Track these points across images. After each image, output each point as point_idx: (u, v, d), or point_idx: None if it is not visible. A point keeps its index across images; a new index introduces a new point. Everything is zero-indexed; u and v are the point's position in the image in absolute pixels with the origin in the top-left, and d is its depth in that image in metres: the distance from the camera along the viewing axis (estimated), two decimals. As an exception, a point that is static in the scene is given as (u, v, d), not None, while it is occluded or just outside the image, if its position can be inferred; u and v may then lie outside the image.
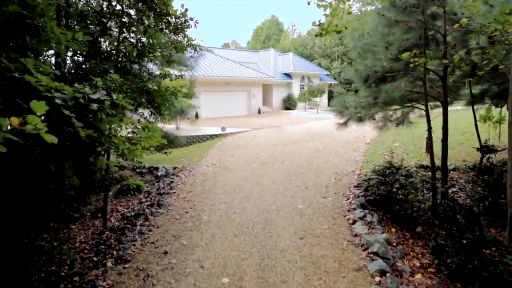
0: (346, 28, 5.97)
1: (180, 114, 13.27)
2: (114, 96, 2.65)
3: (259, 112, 25.41)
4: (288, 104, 29.91)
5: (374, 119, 6.45)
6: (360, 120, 6.29)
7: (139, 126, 2.94)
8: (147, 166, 10.31)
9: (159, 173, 9.53)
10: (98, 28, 4.84)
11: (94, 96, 2.51)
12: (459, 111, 16.31)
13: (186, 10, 5.61)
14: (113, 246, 4.95)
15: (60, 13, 4.51)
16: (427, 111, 6.05)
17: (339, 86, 40.94)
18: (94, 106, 2.43)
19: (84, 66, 4.27)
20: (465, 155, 9.55)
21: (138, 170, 10.27)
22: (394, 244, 4.84)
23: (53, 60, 4.71)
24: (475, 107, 8.09)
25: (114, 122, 2.81)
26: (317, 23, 5.65)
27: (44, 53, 4.37)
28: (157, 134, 3.02)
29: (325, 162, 9.21)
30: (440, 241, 4.88)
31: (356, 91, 7.75)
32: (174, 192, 7.22)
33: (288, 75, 30.85)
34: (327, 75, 35.94)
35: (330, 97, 43.13)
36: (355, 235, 4.74)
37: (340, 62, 42.20)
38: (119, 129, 3.11)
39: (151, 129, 2.97)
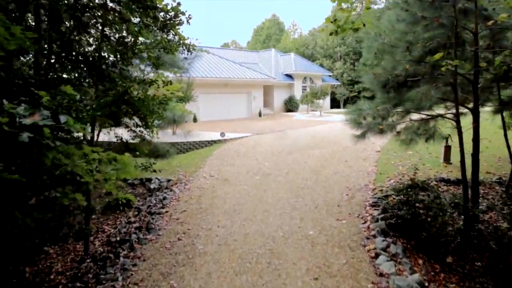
0: (364, 25, 5.18)
1: (172, 123, 12.47)
2: (63, 119, 1.86)
3: (260, 114, 24.63)
4: (290, 106, 29.13)
5: (398, 132, 5.65)
6: (381, 132, 5.50)
7: (103, 158, 2.15)
8: (139, 177, 9.53)
9: (152, 186, 8.75)
10: (71, 23, 4.06)
11: (28, 121, 1.72)
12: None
13: (179, 4, 4.83)
14: (90, 286, 4.17)
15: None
16: (458, 121, 5.26)
17: (342, 87, 40.19)
18: (25, 136, 1.64)
19: (49, 71, 3.47)
20: (487, 165, 8.76)
21: (129, 181, 9.49)
22: (426, 284, 4.05)
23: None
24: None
25: (70, 154, 2.03)
26: (332, 20, 4.86)
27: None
28: (129, 167, 2.24)
29: (334, 174, 8.42)
30: (481, 279, 4.10)
31: (371, 97, 6.99)
32: (166, 212, 6.44)
33: (289, 76, 30.08)
34: (330, 76, 35.18)
35: (332, 99, 42.44)
36: (381, 275, 3.95)
37: (342, 63, 41.46)
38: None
39: (120, 161, 2.19)
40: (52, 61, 3.98)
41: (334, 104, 42.18)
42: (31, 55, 3.74)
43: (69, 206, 4.04)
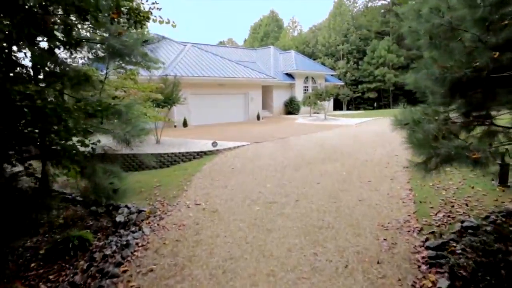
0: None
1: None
2: None
3: (258, 117, 22.67)
4: (291, 108, 27.23)
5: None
6: (476, 163, 3.51)
7: None
8: (105, 202, 7.52)
9: (119, 218, 6.75)
10: None
11: None
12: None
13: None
14: None
15: None
16: None
17: (345, 87, 38.35)
18: None
19: None
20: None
21: (93, 207, 7.50)
22: None
23: None
24: None
25: None
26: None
27: None
28: None
29: (358, 202, 6.47)
30: None
31: (415, 101, 5.08)
32: (124, 272, 4.45)
33: (290, 75, 28.18)
34: (333, 75, 33.33)
35: (335, 100, 40.54)
36: None
37: (345, 62, 39.63)
38: None
39: None
40: None
41: (337, 105, 40.34)
42: None
43: None
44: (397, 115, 4.51)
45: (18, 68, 3.18)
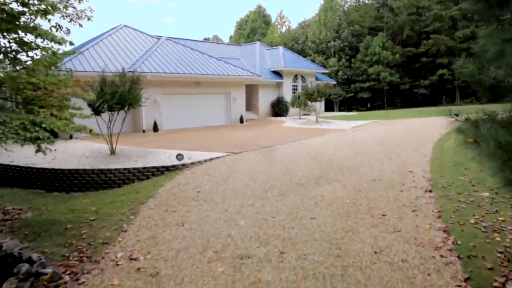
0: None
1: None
2: None
3: (241, 120, 20.50)
4: (278, 109, 25.18)
5: None
6: None
7: None
8: (4, 248, 5.25)
9: (10, 285, 4.46)
10: None
11: None
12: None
13: None
14: None
15: None
16: None
17: (337, 87, 36.59)
18: None
19: None
20: None
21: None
22: None
23: None
24: None
25: None
26: None
27: None
28: None
29: (375, 256, 4.37)
30: None
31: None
32: None
33: (277, 73, 26.14)
34: (324, 73, 31.48)
35: (326, 100, 38.74)
36: None
37: (337, 59, 37.87)
38: None
39: None
40: None
41: (328, 106, 38.60)
42: None
43: None
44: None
45: None
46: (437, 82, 34.95)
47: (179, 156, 9.12)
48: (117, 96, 9.63)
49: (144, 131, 16.50)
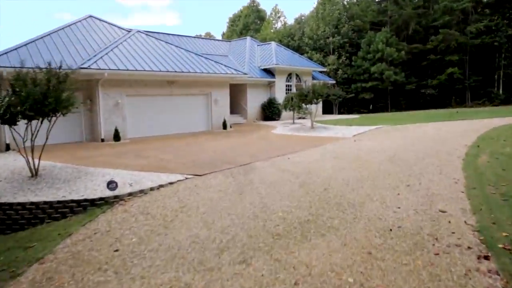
0: None
1: None
2: None
3: (224, 126, 18.00)
4: (270, 112, 22.70)
5: None
6: None
7: None
8: None
9: None
10: None
11: None
12: None
13: None
14: None
15: None
16: None
17: (336, 87, 34.19)
18: None
19: None
20: None
21: None
22: None
23: None
24: None
25: None
26: None
27: None
28: None
29: None
30: None
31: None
32: None
33: (269, 71, 23.69)
34: (322, 72, 29.05)
35: (324, 101, 36.29)
36: None
37: (336, 57, 35.44)
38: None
39: None
40: None
41: (327, 108, 36.18)
42: None
43: None
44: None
45: None
46: (446, 81, 32.56)
47: (112, 185, 6.59)
48: (31, 100, 7.09)
49: (103, 140, 13.97)
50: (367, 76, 33.33)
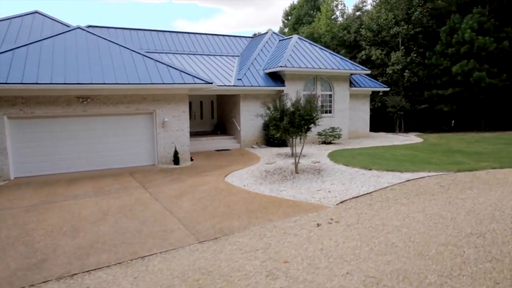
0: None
1: None
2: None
3: (176, 159, 12.78)
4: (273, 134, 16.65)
5: None
6: None
7: None
8: None
9: None
10: None
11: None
12: None
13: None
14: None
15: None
16: None
17: (401, 96, 25.87)
18: None
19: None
20: None
21: None
22: None
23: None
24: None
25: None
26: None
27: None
28: None
29: None
30: None
31: None
32: None
33: (278, 77, 17.64)
34: (367, 75, 21.58)
35: (379, 113, 28.26)
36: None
37: (401, 53, 26.94)
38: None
39: None
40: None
41: (382, 123, 28.04)
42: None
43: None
44: None
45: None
46: None
47: None
48: None
49: (-34, 184, 10.09)
50: (447, 79, 24.16)
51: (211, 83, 12.91)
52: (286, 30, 46.25)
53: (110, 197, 8.92)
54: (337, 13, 37.73)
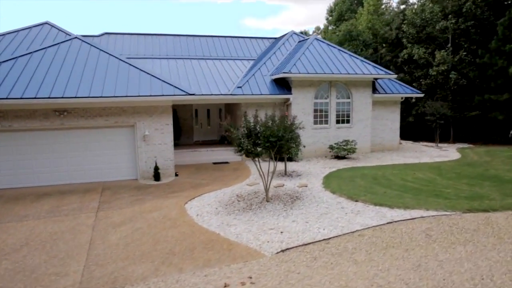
0: None
1: None
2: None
3: (156, 175, 12.26)
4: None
5: None
6: None
7: None
8: None
9: None
10: None
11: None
12: None
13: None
14: None
15: None
16: None
17: (441, 103, 22.64)
18: None
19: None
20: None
21: None
22: None
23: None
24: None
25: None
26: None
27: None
28: None
29: None
30: None
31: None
32: None
33: (286, 84, 16.29)
34: (395, 79, 19.10)
35: (414, 120, 25.23)
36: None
37: (448, 52, 23.54)
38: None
39: None
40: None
41: (424, 132, 24.98)
42: None
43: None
44: None
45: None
46: None
47: None
48: None
49: None
50: (502, 81, 20.45)
51: (193, 94, 12.09)
52: (330, 27, 43.79)
53: (56, 219, 8.56)
54: (383, 7, 34.52)
